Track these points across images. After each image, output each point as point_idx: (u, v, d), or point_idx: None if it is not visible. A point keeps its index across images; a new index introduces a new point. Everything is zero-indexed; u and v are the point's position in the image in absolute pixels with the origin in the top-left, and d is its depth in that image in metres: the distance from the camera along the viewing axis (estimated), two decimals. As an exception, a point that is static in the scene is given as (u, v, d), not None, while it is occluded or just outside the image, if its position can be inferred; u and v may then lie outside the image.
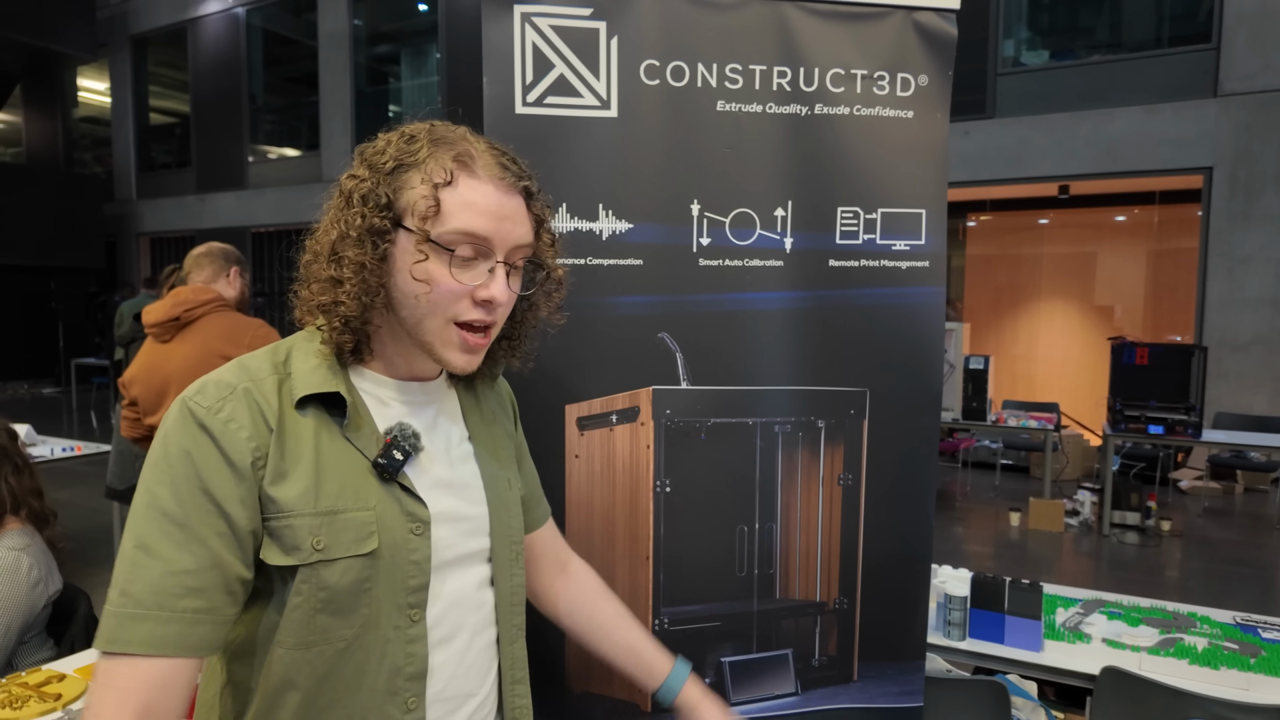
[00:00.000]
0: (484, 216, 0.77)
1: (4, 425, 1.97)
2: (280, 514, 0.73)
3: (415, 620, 0.79)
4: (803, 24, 1.34)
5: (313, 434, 0.77)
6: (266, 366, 0.79)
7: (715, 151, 1.33)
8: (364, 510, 0.76)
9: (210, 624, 0.71)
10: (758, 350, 1.36)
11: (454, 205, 0.76)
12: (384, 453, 0.79)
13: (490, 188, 0.78)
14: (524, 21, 1.25)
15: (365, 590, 0.76)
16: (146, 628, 0.68)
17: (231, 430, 0.72)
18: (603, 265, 1.31)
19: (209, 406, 0.73)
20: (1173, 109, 6.33)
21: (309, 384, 0.78)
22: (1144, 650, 1.81)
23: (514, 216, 0.80)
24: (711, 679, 1.38)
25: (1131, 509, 5.14)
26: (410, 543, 0.79)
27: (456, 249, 0.76)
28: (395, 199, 0.77)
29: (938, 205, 1.39)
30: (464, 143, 0.80)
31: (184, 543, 0.70)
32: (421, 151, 0.78)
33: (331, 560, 0.74)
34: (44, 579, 1.88)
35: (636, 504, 1.35)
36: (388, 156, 0.78)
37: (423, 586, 0.80)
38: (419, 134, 0.80)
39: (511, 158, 0.82)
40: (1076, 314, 8.28)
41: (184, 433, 0.72)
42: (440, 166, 0.77)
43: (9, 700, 1.54)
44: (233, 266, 2.44)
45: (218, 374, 0.77)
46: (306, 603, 0.74)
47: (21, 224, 11.11)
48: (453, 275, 0.76)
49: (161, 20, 12.00)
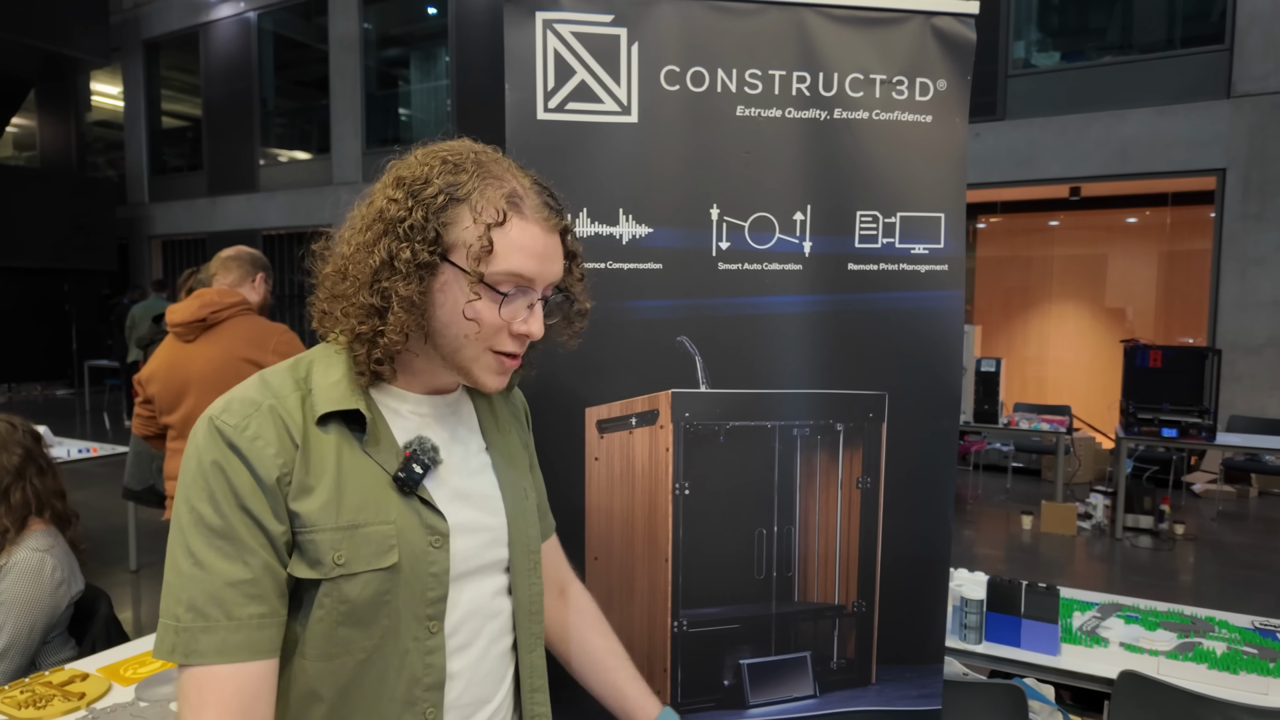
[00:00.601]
0: (532, 259, 0.78)
1: (28, 427, 1.99)
2: (304, 528, 0.75)
3: (434, 632, 0.81)
4: (822, 29, 1.34)
5: (334, 449, 0.78)
6: (289, 383, 0.79)
7: (735, 156, 1.34)
8: (385, 524, 0.77)
9: (274, 626, 0.73)
10: (777, 353, 1.37)
11: (505, 247, 0.77)
12: (404, 466, 0.79)
13: (538, 229, 0.79)
14: (546, 28, 1.26)
15: (385, 603, 0.77)
16: (217, 638, 0.70)
17: (259, 448, 0.74)
18: (622, 269, 1.32)
19: (235, 425, 0.74)
20: (1185, 110, 6.30)
21: (330, 400, 0.78)
22: (1162, 654, 1.80)
23: (555, 257, 0.82)
24: (730, 681, 1.39)
25: (1144, 512, 5.11)
26: (429, 555, 0.80)
27: (502, 286, 0.77)
28: (443, 234, 0.76)
29: (956, 209, 1.39)
30: (511, 178, 0.80)
31: (234, 554, 0.72)
32: (469, 183, 0.77)
33: (353, 575, 0.75)
34: (67, 580, 1.90)
35: (656, 506, 1.36)
36: (435, 188, 0.77)
37: (441, 599, 0.81)
38: (463, 163, 0.79)
39: (552, 194, 0.83)
40: (1088, 316, 8.25)
41: (214, 449, 0.73)
42: (492, 206, 0.77)
43: (33, 699, 1.56)
44: (259, 272, 2.46)
45: (242, 391, 0.78)
46: (329, 615, 0.75)
47: (35, 227, 11.22)
48: (499, 312, 0.78)
49: (174, 25, 12.10)
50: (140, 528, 4.37)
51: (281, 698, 0.77)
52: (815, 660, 1.42)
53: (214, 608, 0.70)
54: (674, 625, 1.36)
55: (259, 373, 0.81)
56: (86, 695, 1.58)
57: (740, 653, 1.39)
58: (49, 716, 1.50)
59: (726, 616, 1.39)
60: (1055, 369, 8.32)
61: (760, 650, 1.40)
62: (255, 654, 0.71)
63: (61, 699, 1.56)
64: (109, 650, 1.85)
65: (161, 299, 8.28)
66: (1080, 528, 5.21)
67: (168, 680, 1.64)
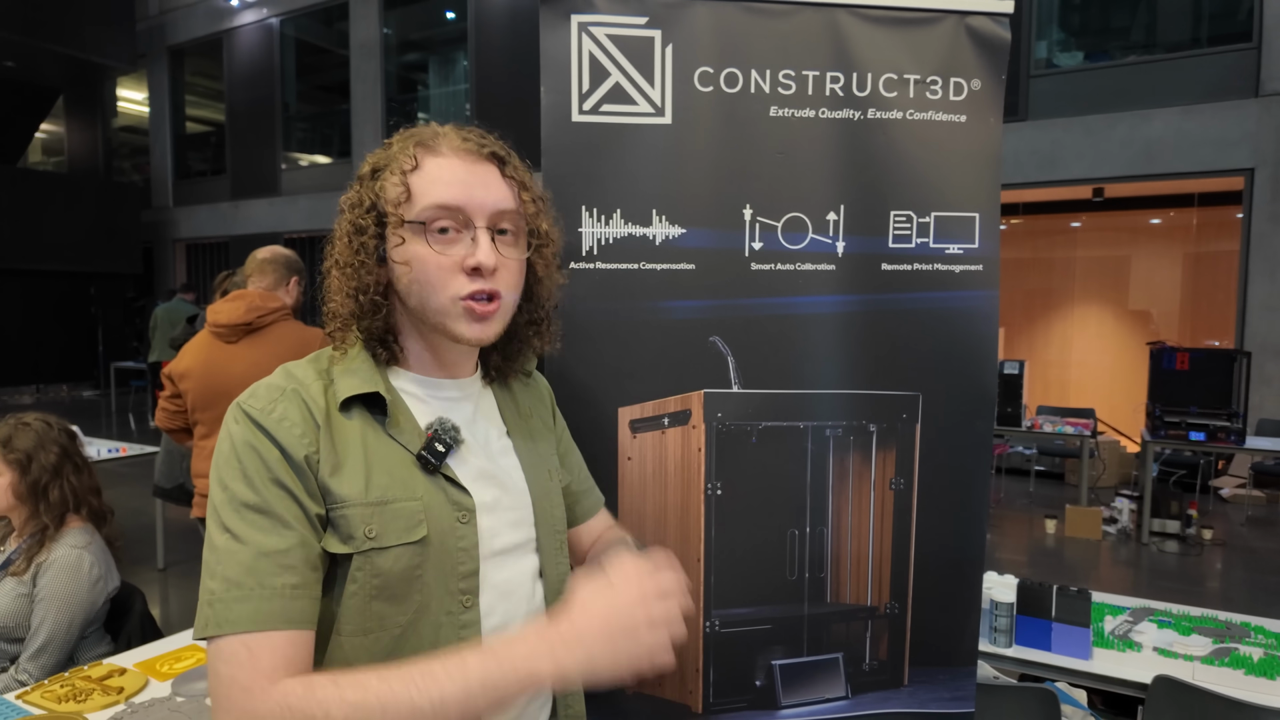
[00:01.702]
0: (452, 186, 0.80)
1: (64, 426, 2.03)
2: (336, 504, 0.77)
3: (468, 606, 0.82)
4: (855, 29, 1.34)
5: (359, 433, 0.80)
6: (312, 372, 0.83)
7: (768, 156, 1.34)
8: (412, 500, 0.80)
9: (307, 598, 0.75)
10: (809, 354, 1.37)
11: (422, 185, 0.80)
12: (426, 445, 0.82)
13: (455, 160, 0.82)
14: (581, 31, 1.27)
15: (417, 577, 0.79)
16: (251, 606, 0.71)
17: (285, 427, 0.77)
18: (655, 270, 1.33)
19: (262, 407, 0.77)
20: (1212, 110, 6.21)
21: (350, 386, 0.82)
22: (1197, 660, 1.78)
23: (486, 182, 0.82)
24: (762, 681, 1.39)
25: (1171, 517, 5.04)
26: (457, 530, 0.82)
27: (431, 223, 0.79)
28: (376, 199, 0.81)
29: (991, 208, 1.39)
30: (429, 131, 0.84)
31: (269, 527, 0.74)
32: (392, 150, 0.84)
33: (384, 548, 0.77)
34: (104, 576, 1.93)
35: (688, 506, 1.36)
36: (368, 165, 0.84)
37: (473, 573, 0.83)
38: (394, 139, 0.85)
39: (478, 132, 0.86)
40: (1111, 319, 8.15)
41: (244, 430, 0.77)
42: (406, 155, 0.81)
43: (73, 693, 1.59)
44: (294, 275, 2.49)
45: (267, 379, 0.82)
46: (362, 589, 0.77)
47: (63, 231, 11.41)
48: (432, 248, 0.79)
49: (198, 31, 12.27)
50: (168, 527, 4.43)
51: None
52: (847, 661, 1.42)
53: (248, 577, 0.72)
54: (706, 625, 1.36)
55: (284, 365, 0.85)
56: (125, 690, 1.61)
57: (772, 653, 1.39)
58: (89, 710, 1.53)
59: (759, 617, 1.39)
60: (1079, 372, 8.23)
61: (792, 651, 1.40)
62: (289, 623, 0.72)
63: (100, 693, 1.59)
64: (144, 646, 1.88)
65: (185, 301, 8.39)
66: (1105, 532, 5.15)
67: (203, 676, 1.66)
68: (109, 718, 1.50)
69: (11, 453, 1.89)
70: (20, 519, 1.93)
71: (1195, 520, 5.04)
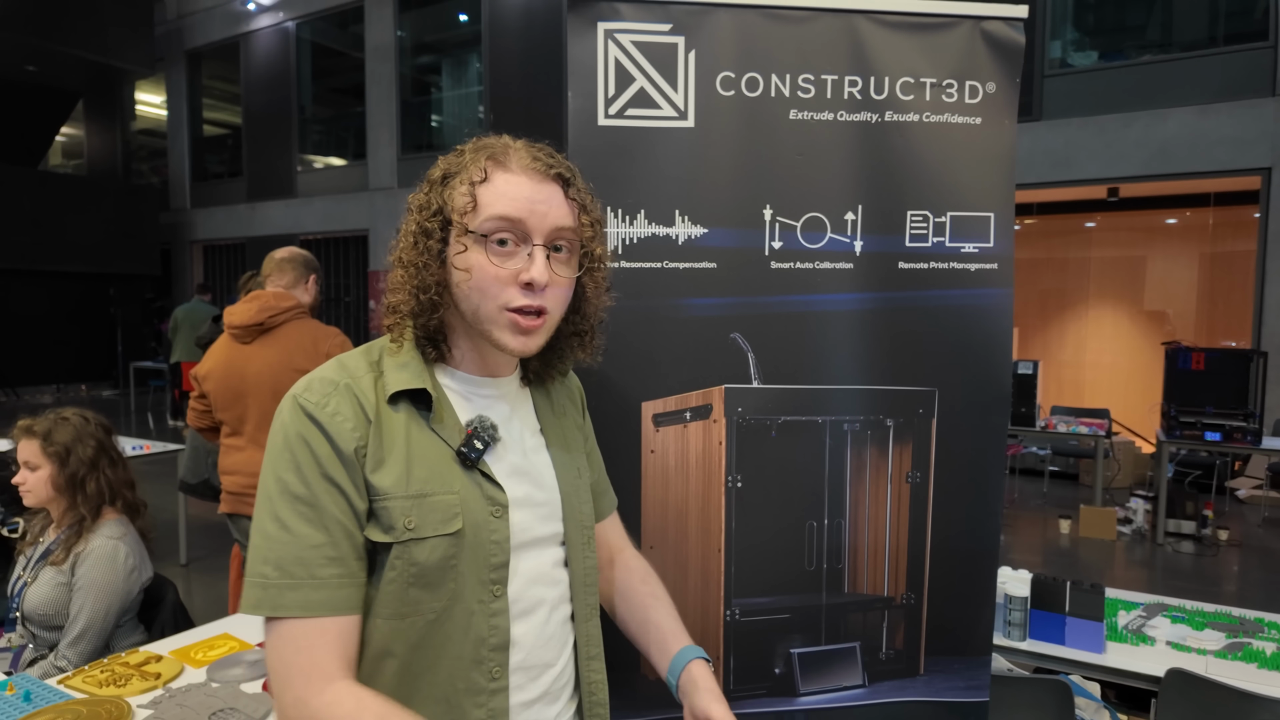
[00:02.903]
0: (516, 202, 0.83)
1: (100, 420, 2.09)
2: (379, 497, 0.82)
3: (498, 595, 0.87)
4: (873, 35, 1.38)
5: (404, 426, 0.85)
6: (363, 365, 0.88)
7: (787, 158, 1.38)
8: (449, 494, 0.84)
9: (352, 586, 0.80)
10: (828, 350, 1.40)
11: (489, 197, 0.84)
12: (465, 442, 0.87)
13: (523, 177, 0.85)
14: (607, 38, 1.31)
15: (451, 566, 0.84)
16: (301, 594, 0.77)
17: (338, 422, 0.81)
18: (678, 268, 1.37)
19: (317, 402, 0.82)
20: (1228, 109, 6.19)
21: (399, 381, 0.86)
22: (1210, 653, 1.80)
23: (548, 201, 0.85)
24: (781, 669, 1.42)
25: (1187, 517, 5.03)
26: (490, 524, 0.86)
27: (493, 234, 0.83)
28: (444, 205, 0.85)
29: (1006, 208, 1.42)
30: (500, 145, 0.88)
31: (316, 520, 0.79)
32: (464, 159, 0.87)
33: (422, 539, 0.82)
34: (138, 566, 1.99)
35: (709, 498, 1.40)
36: (439, 170, 0.88)
37: (503, 564, 0.87)
38: (466, 147, 0.89)
39: (548, 151, 0.89)
40: (1126, 319, 8.11)
41: (299, 423, 0.81)
42: (477, 167, 0.85)
43: (113, 678, 1.64)
44: (311, 274, 2.55)
45: (321, 372, 0.86)
46: (400, 576, 0.82)
47: (83, 233, 11.57)
48: (490, 260, 0.83)
49: (215, 35, 12.42)
50: (190, 523, 4.51)
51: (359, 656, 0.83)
52: (864, 650, 1.45)
53: (298, 567, 0.77)
54: (726, 614, 1.40)
55: (337, 357, 0.89)
56: (162, 675, 1.66)
57: (791, 642, 1.43)
58: (128, 694, 1.59)
59: (777, 606, 1.42)
60: (1093, 372, 8.20)
61: (810, 640, 1.43)
62: (335, 610, 0.78)
63: (139, 678, 1.65)
64: (177, 635, 1.94)
65: (204, 302, 8.50)
66: (1120, 532, 5.14)
67: (237, 663, 1.72)
68: (148, 701, 1.56)
69: (51, 446, 1.95)
70: (59, 511, 2.00)
71: (1211, 521, 5.03)
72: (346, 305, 10.82)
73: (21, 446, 1.96)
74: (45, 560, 1.94)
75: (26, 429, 1.98)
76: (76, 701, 1.51)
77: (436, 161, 0.90)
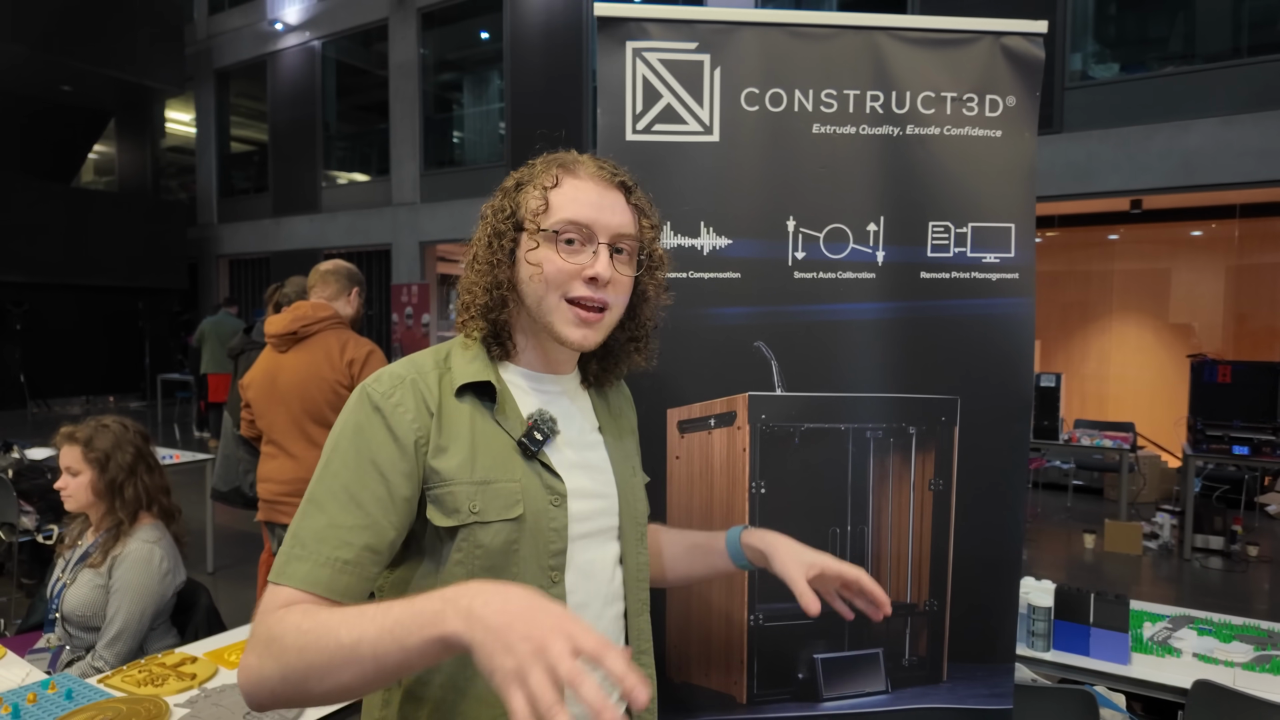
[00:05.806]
0: (585, 206, 0.92)
1: (139, 428, 2.15)
2: (443, 482, 0.87)
3: (555, 581, 0.91)
4: (894, 50, 1.41)
5: (468, 417, 0.91)
6: (430, 362, 0.94)
7: (811, 171, 1.41)
8: (511, 481, 0.89)
9: (354, 576, 0.82)
10: (851, 358, 1.43)
11: (560, 201, 0.92)
12: (527, 433, 0.92)
13: (590, 183, 0.94)
14: (635, 56, 1.36)
15: (514, 551, 0.88)
16: (305, 567, 0.80)
17: (400, 413, 0.87)
18: (704, 279, 1.40)
19: (383, 392, 0.88)
20: (1254, 120, 6.13)
21: (465, 374, 0.92)
22: (1238, 666, 1.79)
23: (613, 206, 0.94)
24: (804, 674, 1.44)
25: (1215, 533, 4.95)
26: (550, 512, 0.91)
27: (562, 234, 0.91)
28: (516, 209, 0.94)
29: (1026, 219, 1.44)
30: (570, 156, 0.97)
31: (346, 504, 0.83)
32: (536, 169, 0.97)
33: (486, 523, 0.87)
34: (173, 570, 2.05)
35: (733, 504, 1.42)
36: (514, 179, 0.97)
37: (561, 552, 0.92)
38: (538, 160, 0.98)
39: (612, 163, 0.98)
40: (1150, 332, 8.03)
41: (360, 411, 0.87)
42: (549, 175, 0.94)
43: (151, 678, 1.69)
44: (355, 286, 2.60)
45: (392, 367, 0.93)
46: (466, 559, 0.86)
47: (113, 247, 11.84)
48: (560, 256, 0.91)
49: (243, 54, 12.70)
50: (217, 531, 4.59)
51: None
52: (887, 657, 1.46)
53: (314, 542, 0.81)
54: (750, 619, 1.42)
55: (409, 355, 0.96)
56: (197, 676, 1.71)
57: (814, 647, 1.44)
58: (165, 694, 1.63)
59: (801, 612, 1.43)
60: (1117, 386, 8.11)
61: (834, 645, 1.44)
62: (329, 591, 0.80)
63: (176, 679, 1.69)
64: (211, 638, 1.99)
65: (230, 315, 8.65)
66: (1146, 547, 5.07)
67: (270, 664, 1.75)
68: (184, 700, 1.60)
69: (92, 452, 2.02)
70: (97, 515, 2.06)
71: (1240, 536, 4.95)
72: (369, 318, 10.97)
73: (64, 452, 2.03)
74: (84, 563, 2.00)
75: (69, 435, 2.05)
76: (116, 700, 1.56)
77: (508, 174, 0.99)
